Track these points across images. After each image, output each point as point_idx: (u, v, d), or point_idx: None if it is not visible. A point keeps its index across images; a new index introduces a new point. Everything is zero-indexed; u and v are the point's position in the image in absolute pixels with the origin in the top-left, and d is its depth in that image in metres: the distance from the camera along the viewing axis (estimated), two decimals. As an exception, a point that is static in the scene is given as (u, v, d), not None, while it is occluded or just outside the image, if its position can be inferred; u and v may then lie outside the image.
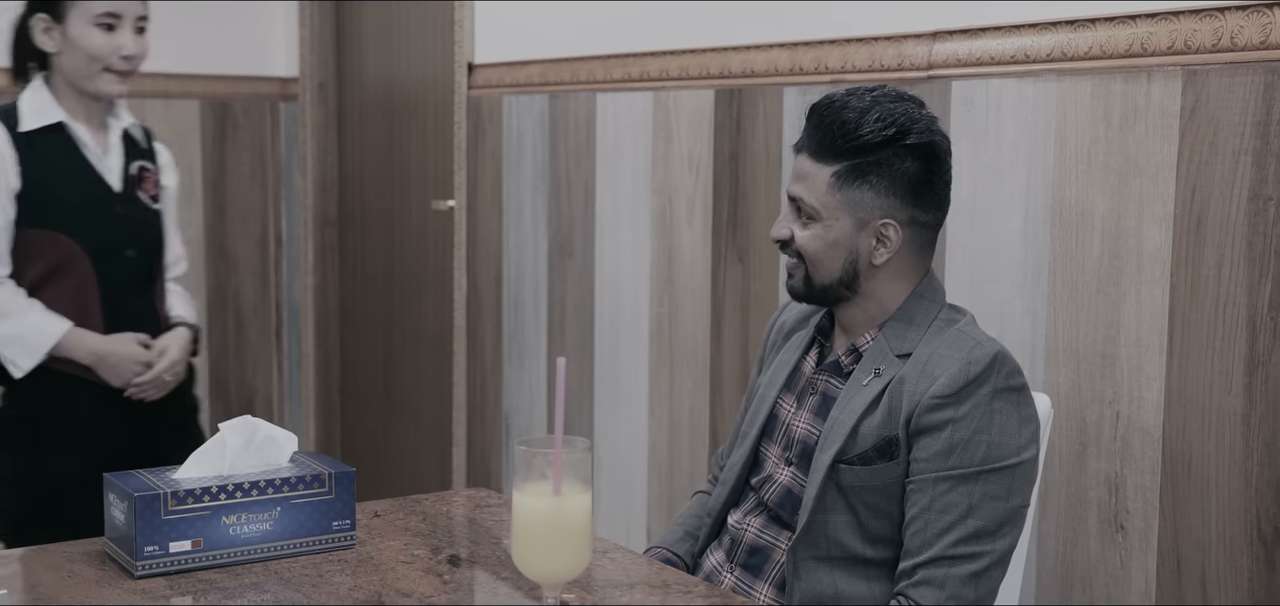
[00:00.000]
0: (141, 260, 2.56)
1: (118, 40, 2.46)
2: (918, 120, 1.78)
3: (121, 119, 2.58)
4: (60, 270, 2.45)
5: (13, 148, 2.42)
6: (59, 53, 2.46)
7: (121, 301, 2.51)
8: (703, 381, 2.88)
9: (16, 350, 2.42)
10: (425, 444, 4.03)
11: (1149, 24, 2.02)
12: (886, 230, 1.79)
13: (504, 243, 3.48)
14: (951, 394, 1.72)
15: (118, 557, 1.66)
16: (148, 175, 2.59)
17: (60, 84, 2.49)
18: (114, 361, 2.46)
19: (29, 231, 2.43)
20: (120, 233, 2.52)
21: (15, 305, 2.41)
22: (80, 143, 2.49)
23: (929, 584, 1.72)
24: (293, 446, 1.77)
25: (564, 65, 3.23)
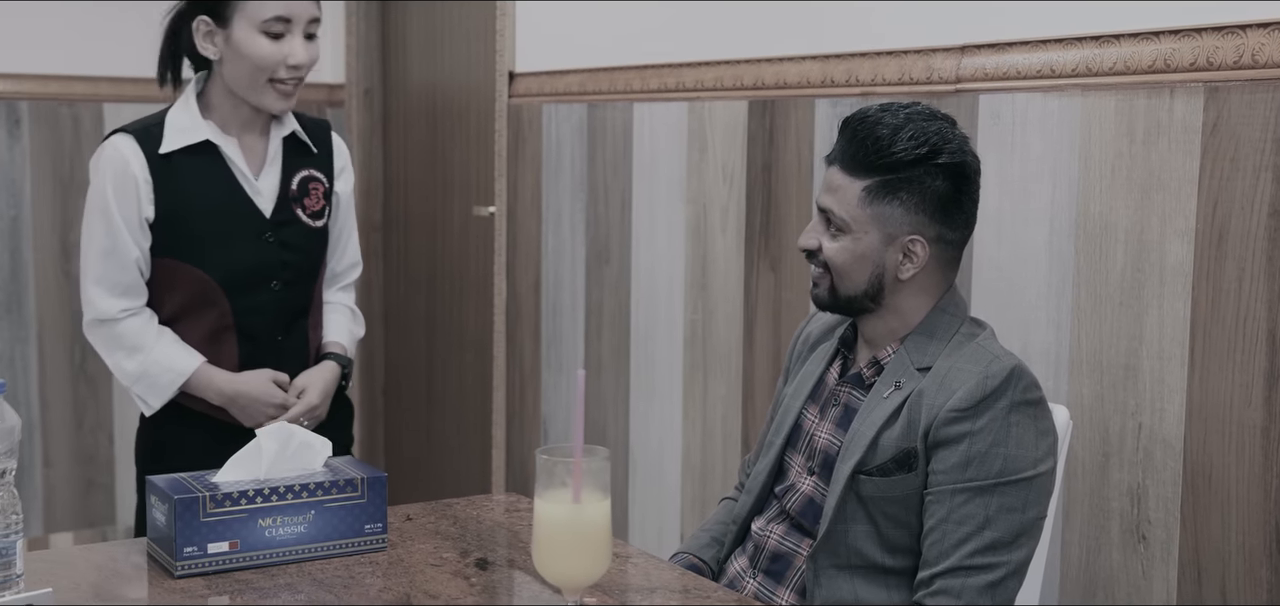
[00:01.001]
0: (289, 291, 2.33)
1: (286, 48, 2.22)
2: (950, 140, 1.82)
3: (285, 125, 2.33)
4: (194, 305, 2.27)
5: (148, 173, 2.22)
6: (220, 60, 2.24)
7: (262, 336, 2.31)
8: (735, 387, 2.92)
9: (144, 388, 2.26)
10: (466, 447, 4.09)
11: (1172, 40, 2.04)
12: (914, 246, 1.82)
13: (543, 249, 3.54)
14: (969, 407, 1.75)
15: (159, 557, 1.72)
16: (314, 187, 2.35)
17: (217, 94, 2.27)
18: (245, 403, 2.27)
19: (165, 261, 2.26)
20: (266, 263, 2.29)
21: (144, 340, 2.24)
22: (230, 163, 2.27)
23: (946, 594, 1.75)
24: (327, 452, 1.83)
25: (602, 75, 3.28)
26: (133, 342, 2.25)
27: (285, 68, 2.23)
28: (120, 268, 2.24)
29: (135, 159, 2.23)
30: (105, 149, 2.26)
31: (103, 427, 4.36)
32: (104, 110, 4.27)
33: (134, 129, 2.26)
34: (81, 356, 4.30)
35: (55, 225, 4.22)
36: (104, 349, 2.28)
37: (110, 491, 4.39)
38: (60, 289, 4.25)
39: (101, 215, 2.23)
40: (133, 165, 2.23)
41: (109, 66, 4.28)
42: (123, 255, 2.24)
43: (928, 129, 1.81)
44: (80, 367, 4.30)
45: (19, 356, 4.20)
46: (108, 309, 2.24)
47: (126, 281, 2.25)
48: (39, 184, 4.18)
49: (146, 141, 2.24)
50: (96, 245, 2.24)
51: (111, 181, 2.23)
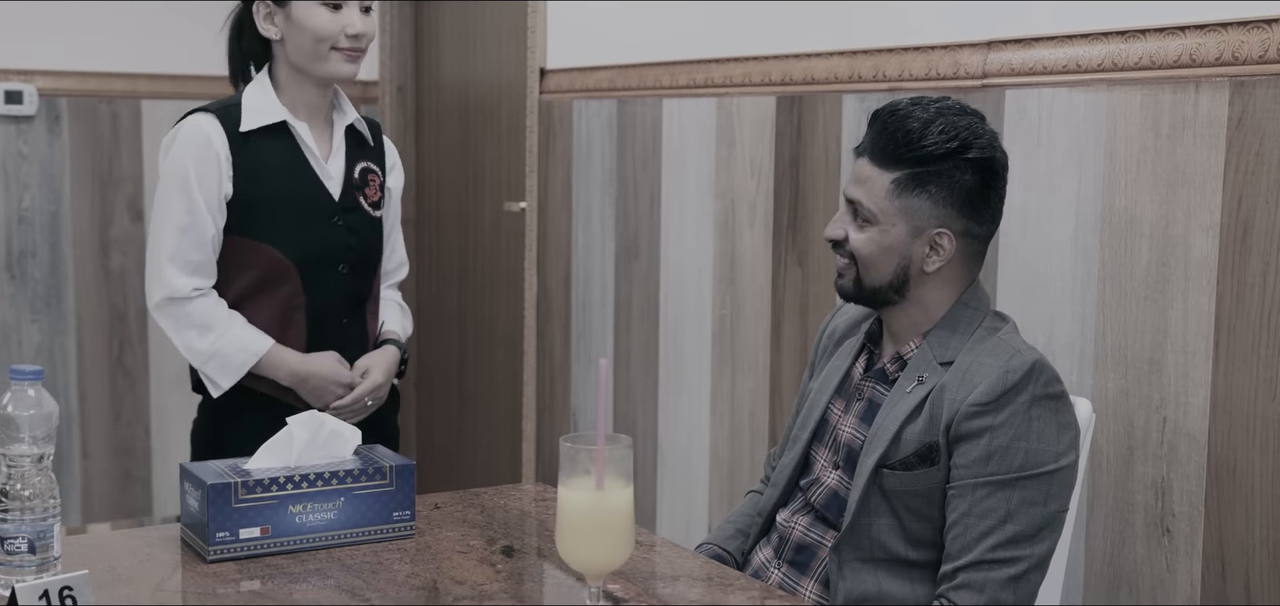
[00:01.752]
0: (354, 275, 2.39)
1: (344, 18, 2.29)
2: (980, 135, 1.83)
3: (346, 115, 2.41)
4: (267, 284, 2.31)
5: (229, 150, 2.27)
6: (282, 38, 2.30)
7: (328, 319, 2.36)
8: (763, 382, 2.93)
9: (216, 368, 2.29)
10: (497, 438, 4.12)
11: (1198, 35, 2.04)
12: (940, 239, 1.83)
13: (573, 244, 3.56)
14: (989, 401, 1.76)
15: (192, 542, 1.76)
16: (372, 179, 2.42)
17: (285, 75, 2.33)
18: (315, 383, 2.31)
19: (238, 239, 2.29)
20: (335, 246, 2.34)
21: (217, 319, 2.28)
22: (303, 144, 2.33)
23: (969, 587, 1.76)
24: (356, 440, 1.86)
25: (632, 71, 3.31)
26: (204, 321, 2.28)
27: (345, 36, 2.30)
28: (196, 245, 2.27)
29: (217, 136, 2.26)
30: (185, 126, 2.29)
31: (140, 420, 4.42)
32: (142, 107, 4.33)
33: (213, 108, 2.31)
34: (119, 350, 4.36)
35: (94, 220, 4.28)
36: (174, 328, 2.29)
37: (147, 483, 4.45)
38: (98, 283, 4.31)
39: (181, 191, 2.26)
40: (215, 142, 2.26)
41: (147, 64, 4.33)
42: (200, 232, 2.26)
43: (958, 123, 1.82)
44: (118, 361, 4.36)
45: (58, 349, 4.26)
46: (180, 287, 2.26)
47: (200, 260, 2.28)
48: (78, 180, 4.24)
49: (226, 120, 2.28)
50: (174, 221, 2.26)
51: (193, 158, 2.26)
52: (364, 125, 2.44)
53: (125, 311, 4.36)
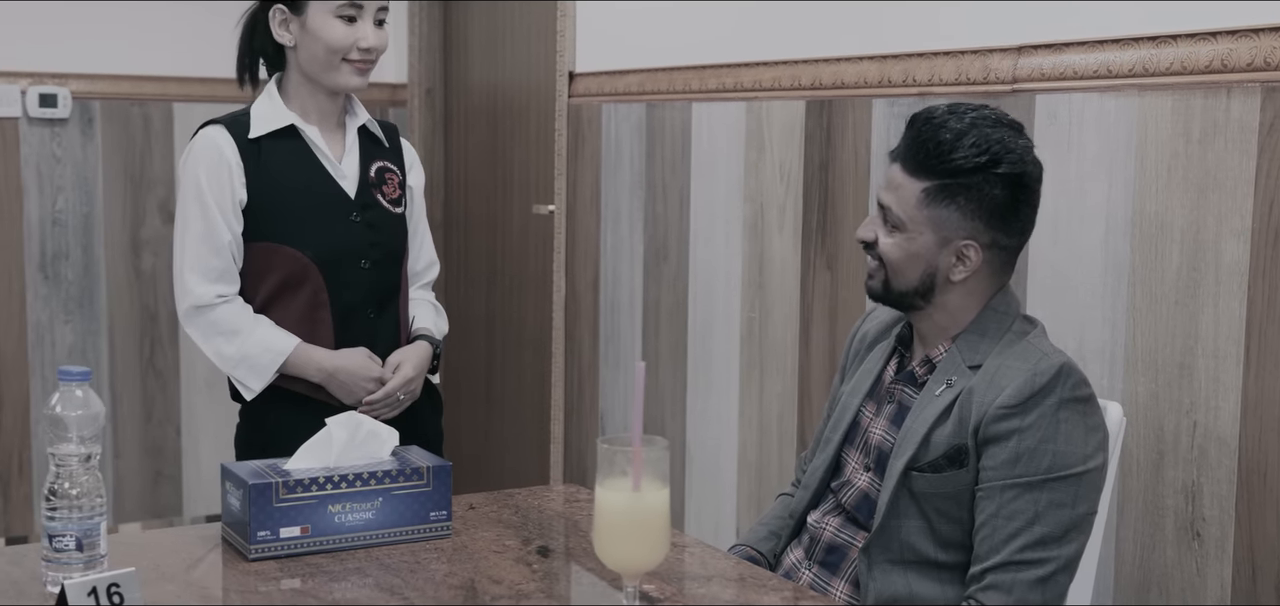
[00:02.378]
0: (378, 270, 2.41)
1: (358, 31, 2.32)
2: (1012, 150, 1.83)
3: (358, 116, 2.44)
4: (290, 285, 2.34)
5: (240, 158, 2.31)
6: (295, 46, 2.34)
7: (356, 315, 2.38)
8: (791, 385, 2.95)
9: (246, 371, 2.32)
10: (525, 440, 4.15)
11: (1229, 41, 2.05)
12: (967, 250, 1.85)
13: (602, 247, 3.58)
14: (1017, 404, 1.78)
15: (233, 541, 1.78)
16: (390, 176, 2.44)
17: (295, 82, 2.36)
18: (344, 378, 2.34)
19: (258, 244, 2.33)
20: (354, 242, 2.37)
21: (243, 323, 2.31)
22: (313, 146, 2.36)
23: (997, 588, 1.78)
24: (393, 441, 1.88)
25: (661, 75, 3.33)
26: (230, 327, 2.31)
27: (357, 49, 2.33)
28: (215, 251, 2.31)
29: (227, 145, 2.31)
30: (197, 140, 2.34)
31: (171, 420, 4.46)
32: (174, 109, 4.37)
33: (222, 119, 2.36)
34: (150, 350, 4.40)
35: (126, 222, 4.32)
36: (202, 336, 2.34)
37: (178, 483, 4.49)
38: (130, 285, 4.35)
39: (196, 201, 2.30)
40: (225, 151, 2.31)
41: (178, 67, 4.37)
42: (217, 238, 2.30)
43: (991, 137, 1.82)
44: (149, 362, 4.40)
45: (90, 350, 4.31)
46: (204, 294, 2.30)
47: (220, 266, 2.31)
48: (110, 182, 4.28)
49: (235, 128, 2.33)
50: (192, 231, 2.31)
51: (205, 168, 2.30)
52: (377, 126, 2.47)
53: (156, 312, 4.40)
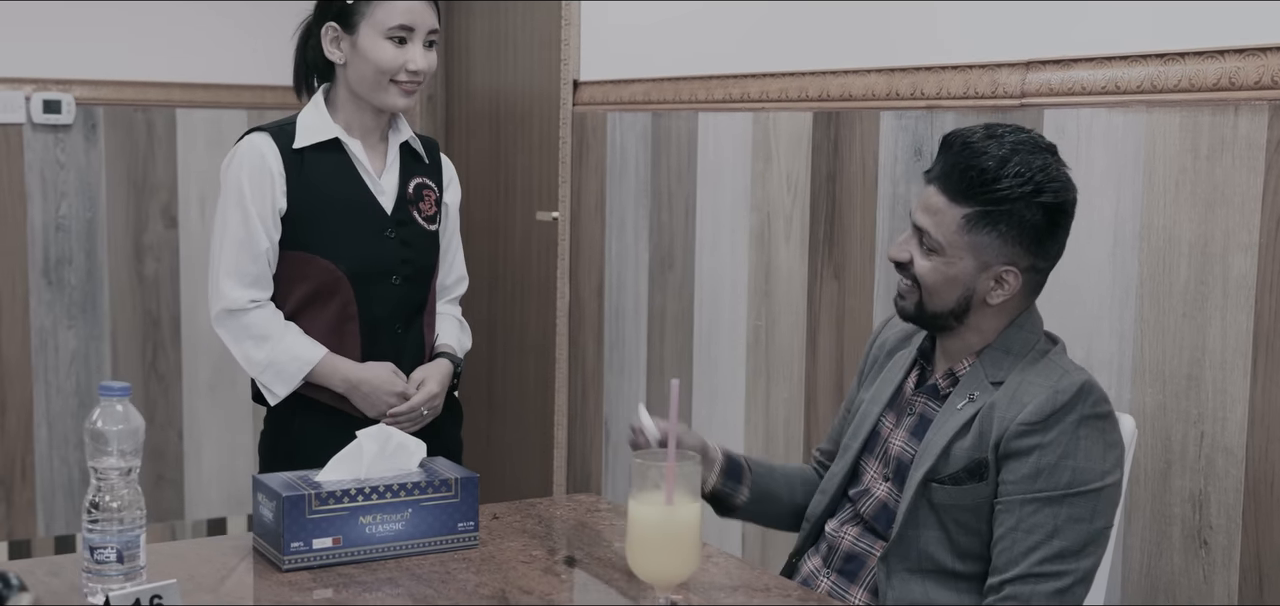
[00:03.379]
0: (408, 286, 2.45)
1: (408, 54, 2.36)
2: (1055, 177, 1.86)
3: (401, 132, 2.47)
4: (321, 295, 2.38)
5: (283, 167, 2.34)
6: (345, 64, 2.38)
7: (383, 329, 2.42)
8: (798, 393, 2.99)
9: (272, 377, 2.35)
10: (527, 446, 4.18)
11: (1237, 59, 2.09)
12: (1007, 275, 1.87)
13: (606, 254, 3.62)
14: (1039, 420, 1.81)
15: (265, 552, 1.81)
16: (427, 193, 2.48)
17: (342, 96, 2.40)
18: (368, 390, 2.37)
19: (292, 253, 2.37)
20: (387, 258, 2.41)
21: (273, 330, 2.35)
22: (355, 160, 2.40)
23: (1015, 599, 1.82)
24: (421, 453, 1.91)
25: (667, 85, 3.36)
26: (261, 332, 2.35)
27: (406, 72, 2.36)
28: (252, 257, 2.34)
29: (270, 153, 2.35)
30: (241, 146, 2.38)
31: (173, 424, 4.48)
32: (177, 115, 4.39)
33: (268, 127, 2.39)
34: (153, 355, 4.42)
35: (129, 227, 4.34)
36: (232, 339, 2.37)
37: (179, 486, 4.51)
38: (133, 290, 4.37)
39: (237, 206, 2.34)
40: (268, 159, 2.34)
41: (181, 73, 4.39)
42: (255, 245, 2.34)
43: (1033, 163, 1.84)
44: (151, 366, 4.42)
45: (93, 355, 4.32)
46: (237, 299, 2.34)
47: (256, 272, 2.35)
48: (113, 187, 4.30)
49: (280, 138, 2.36)
50: (231, 236, 2.34)
51: (248, 174, 2.34)
52: (418, 142, 2.50)
53: (159, 317, 4.42)
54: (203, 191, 4.45)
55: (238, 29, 4.46)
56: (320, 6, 2.40)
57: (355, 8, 2.34)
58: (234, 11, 4.45)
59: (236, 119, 4.48)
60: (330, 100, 2.42)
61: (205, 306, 4.38)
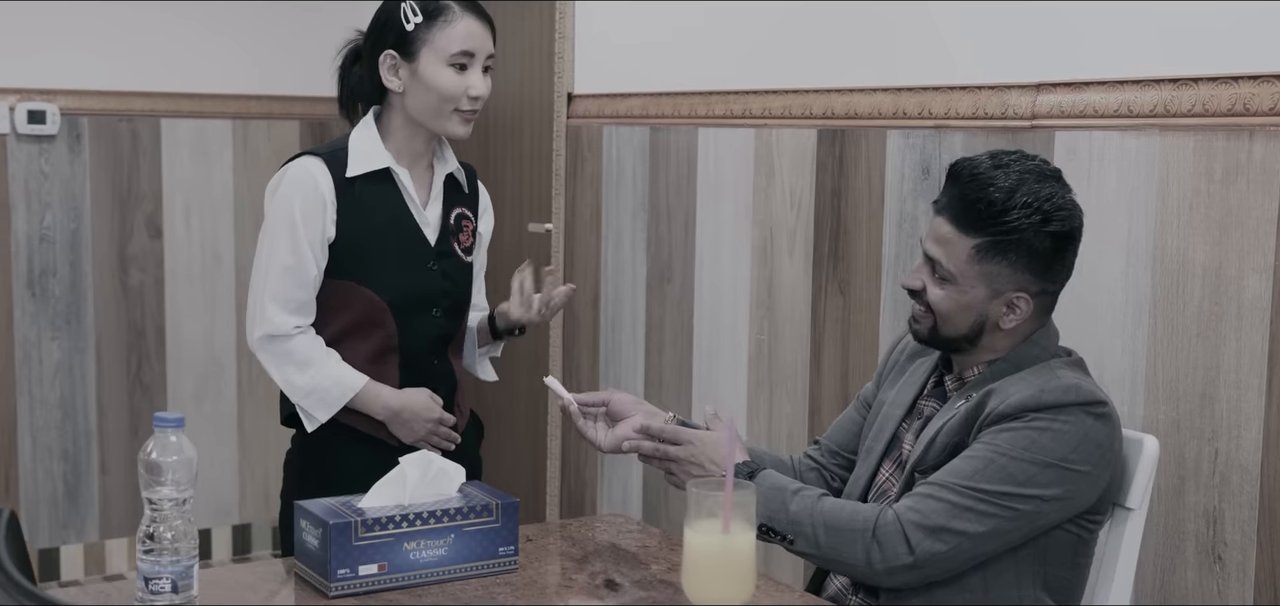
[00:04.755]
0: (448, 318, 2.45)
1: (468, 80, 2.34)
2: (1062, 205, 1.91)
3: (447, 163, 2.46)
4: (364, 325, 2.37)
5: (335, 194, 2.33)
6: (404, 92, 2.35)
7: (421, 361, 2.42)
8: (802, 407, 3.01)
9: (314, 403, 2.35)
10: (518, 456, 4.18)
11: (1251, 86, 2.14)
12: (1018, 301, 1.93)
13: (602, 266, 3.63)
14: (1017, 410, 1.86)
15: (309, 578, 1.82)
16: (466, 224, 2.48)
17: (395, 123, 2.38)
18: (408, 417, 2.38)
19: (338, 282, 2.35)
20: (430, 290, 2.41)
21: (316, 356, 2.34)
22: (404, 191, 2.38)
23: (913, 496, 1.89)
24: (460, 477, 1.92)
25: (665, 100, 3.38)
26: (303, 358, 2.34)
27: (467, 98, 2.35)
28: (299, 284, 2.33)
29: (324, 180, 2.33)
30: (292, 169, 2.35)
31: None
32: (161, 125, 4.36)
33: (321, 152, 2.37)
34: (137, 366, 4.39)
35: (113, 238, 4.31)
36: (274, 364, 2.35)
37: (164, 498, 4.47)
38: (118, 300, 4.34)
39: (287, 232, 2.31)
40: (321, 186, 2.32)
41: (166, 82, 4.37)
42: (303, 272, 2.32)
43: (1040, 192, 1.90)
44: (136, 377, 4.39)
45: (77, 366, 4.29)
46: (282, 325, 2.32)
47: (301, 298, 2.34)
48: (98, 197, 4.27)
49: (334, 164, 2.34)
50: (278, 261, 2.32)
51: (299, 200, 2.31)
52: (462, 173, 2.50)
53: (144, 328, 4.39)
54: (188, 201, 4.42)
55: (223, 38, 4.44)
56: (376, 34, 2.37)
57: (415, 35, 2.32)
58: (219, 21, 4.43)
59: (222, 128, 4.46)
60: (382, 126, 2.40)
61: (190, 316, 4.46)
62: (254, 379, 4.59)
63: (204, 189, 4.45)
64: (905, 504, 1.88)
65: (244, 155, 4.51)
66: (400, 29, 2.33)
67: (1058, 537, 1.92)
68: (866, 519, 1.87)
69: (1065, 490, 1.88)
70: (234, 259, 4.51)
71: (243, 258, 4.53)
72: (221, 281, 4.51)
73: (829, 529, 1.88)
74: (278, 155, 4.54)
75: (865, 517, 1.88)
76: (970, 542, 1.85)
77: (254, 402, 4.61)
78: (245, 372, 4.58)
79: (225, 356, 4.54)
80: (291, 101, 4.55)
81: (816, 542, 1.89)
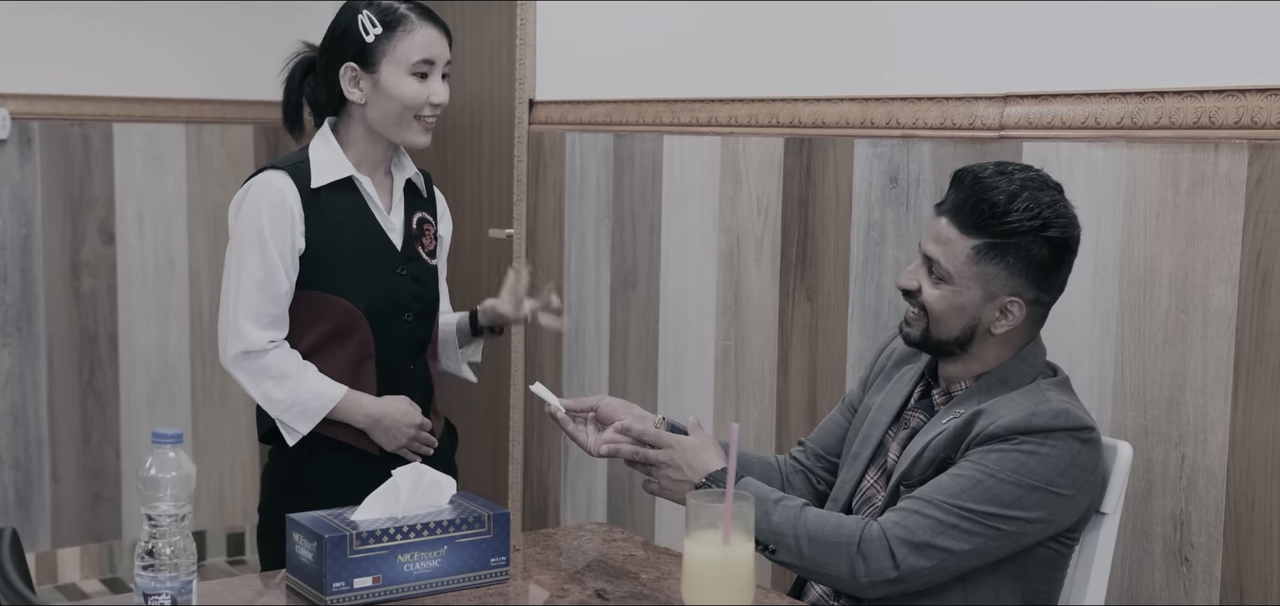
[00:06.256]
0: (418, 323, 2.46)
1: (429, 88, 2.36)
2: (1062, 214, 1.96)
3: (406, 169, 2.47)
4: (339, 334, 2.38)
5: (301, 206, 2.33)
6: (366, 103, 2.36)
7: (396, 367, 2.43)
8: (769, 411, 3.05)
9: (294, 416, 2.35)
10: (479, 463, 4.18)
11: (1216, 99, 2.20)
12: (1011, 306, 1.96)
13: (566, 272, 3.64)
14: (1006, 432, 1.90)
15: (303, 591, 1.82)
16: (428, 227, 2.50)
17: (355, 133, 2.39)
18: (389, 424, 2.39)
19: (309, 293, 2.36)
20: (401, 295, 2.42)
21: (293, 369, 2.34)
22: (368, 198, 2.40)
23: (897, 512, 1.91)
24: (451, 489, 1.93)
25: (629, 107, 3.40)
26: (280, 372, 2.34)
27: (429, 105, 2.37)
28: (271, 299, 2.33)
29: (290, 192, 2.33)
30: (257, 184, 2.35)
31: (110, 443, 4.40)
32: (113, 130, 4.32)
33: (283, 165, 2.37)
34: (89, 373, 4.34)
35: (65, 244, 4.26)
36: (251, 380, 2.34)
37: (117, 505, 4.44)
38: (69, 307, 4.29)
39: (257, 246, 2.31)
40: (288, 198, 2.33)
41: (119, 86, 4.32)
42: (275, 286, 2.32)
43: (1041, 199, 1.94)
44: (88, 384, 4.34)
45: (28, 373, 4.24)
46: (257, 340, 2.32)
47: (274, 313, 2.34)
48: (50, 203, 4.22)
49: (298, 176, 2.35)
50: (249, 276, 2.32)
51: (268, 214, 2.31)
52: (420, 178, 2.51)
53: (96, 334, 4.34)
54: (140, 206, 4.38)
55: (175, 42, 4.40)
56: (333, 47, 2.37)
57: (375, 46, 2.33)
58: (172, 25, 4.39)
59: (175, 133, 4.43)
60: (340, 136, 2.41)
61: (144, 322, 4.42)
62: (208, 385, 4.55)
63: (157, 194, 4.41)
64: (890, 518, 1.91)
65: (197, 160, 4.47)
66: (359, 41, 2.34)
67: (1037, 553, 1.96)
68: (851, 532, 1.90)
69: (1048, 513, 1.92)
70: (188, 264, 4.48)
71: (197, 263, 4.49)
72: (175, 287, 4.47)
73: (812, 540, 1.91)
74: (231, 160, 4.52)
75: (850, 531, 1.91)
76: (954, 559, 1.89)
77: (208, 409, 4.57)
78: (199, 379, 4.54)
79: (179, 362, 4.50)
80: (245, 106, 4.52)
81: (800, 553, 1.92)
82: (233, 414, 4.61)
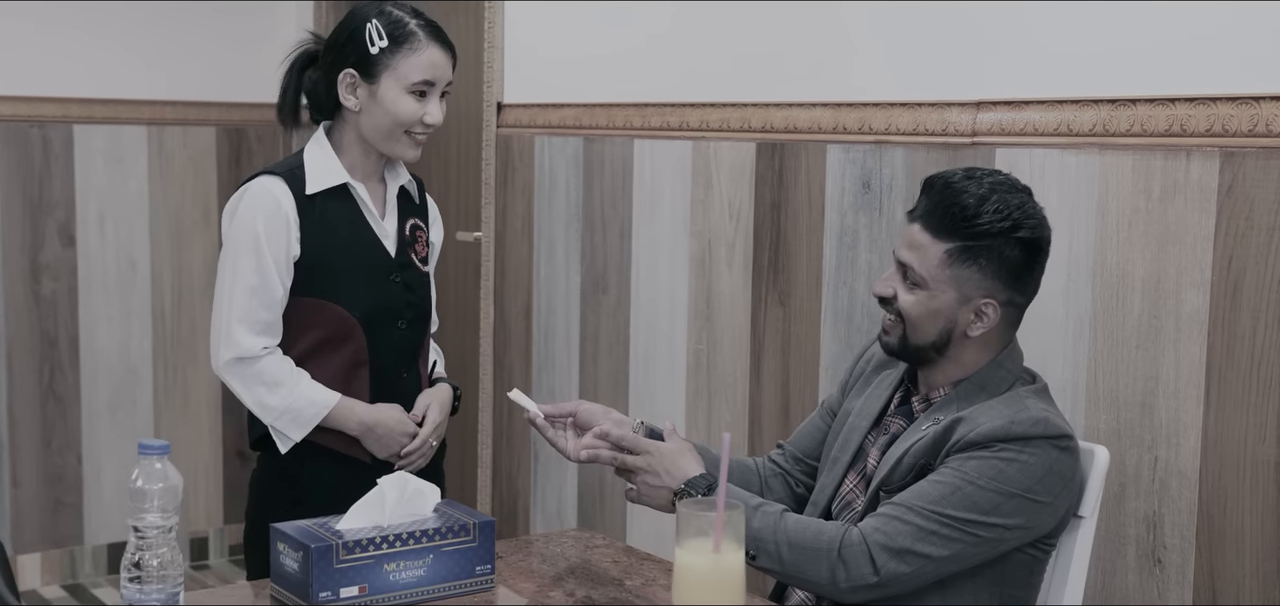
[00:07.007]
0: (412, 329, 2.45)
1: (426, 107, 2.34)
2: (1031, 215, 1.99)
3: (399, 176, 2.46)
4: (333, 341, 2.37)
5: (297, 212, 2.31)
6: (360, 111, 2.34)
7: (389, 374, 2.42)
8: (742, 414, 3.06)
9: (288, 423, 2.33)
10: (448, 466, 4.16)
11: (1187, 107, 2.23)
12: (986, 308, 1.99)
13: (535, 275, 3.64)
14: (985, 440, 1.92)
15: (287, 601, 1.81)
16: (420, 234, 2.49)
17: (348, 139, 2.38)
18: (382, 432, 2.38)
19: (304, 300, 2.34)
20: (395, 303, 2.41)
21: (286, 376, 2.32)
22: (362, 205, 2.38)
23: (877, 517, 1.93)
24: (436, 497, 1.93)
25: (599, 110, 3.40)
26: (273, 378, 2.32)
27: (421, 124, 2.35)
28: (265, 305, 2.31)
29: (285, 198, 2.31)
30: (252, 189, 2.32)
31: (71, 447, 4.36)
32: (74, 131, 4.27)
33: (278, 170, 2.34)
34: (50, 377, 4.29)
35: (25, 246, 4.21)
36: (243, 386, 2.32)
37: (78, 510, 4.39)
38: (29, 309, 4.24)
39: (251, 253, 2.29)
40: (284, 204, 2.31)
41: (79, 88, 4.28)
42: (269, 293, 2.31)
43: (1011, 202, 1.97)
44: (49, 388, 4.30)
45: (-13, 378, 4.18)
46: (250, 347, 2.30)
47: (268, 319, 2.32)
48: (9, 205, 4.17)
49: (293, 182, 2.33)
50: (243, 282, 2.30)
51: (263, 220, 2.30)
52: (413, 185, 2.50)
53: (56, 337, 4.30)
54: (102, 209, 4.34)
55: (136, 43, 4.36)
56: (337, 50, 2.35)
57: (379, 58, 2.31)
58: (133, 26, 4.35)
59: (136, 134, 4.38)
60: (334, 140, 2.39)
61: (105, 325, 4.37)
62: (171, 388, 4.51)
63: (118, 196, 4.37)
64: (870, 524, 1.92)
65: (159, 162, 4.43)
66: (364, 49, 2.32)
67: (1015, 559, 1.98)
68: (831, 538, 1.92)
69: (1027, 520, 1.94)
70: (149, 266, 4.44)
71: (159, 265, 4.45)
72: (137, 290, 4.43)
73: (793, 546, 1.92)
74: (193, 162, 4.48)
75: (830, 537, 1.92)
76: (933, 565, 1.91)
77: (171, 412, 4.53)
78: (161, 382, 4.50)
79: (141, 365, 4.46)
80: (207, 107, 4.48)
81: (780, 559, 1.93)
82: (195, 418, 4.57)
